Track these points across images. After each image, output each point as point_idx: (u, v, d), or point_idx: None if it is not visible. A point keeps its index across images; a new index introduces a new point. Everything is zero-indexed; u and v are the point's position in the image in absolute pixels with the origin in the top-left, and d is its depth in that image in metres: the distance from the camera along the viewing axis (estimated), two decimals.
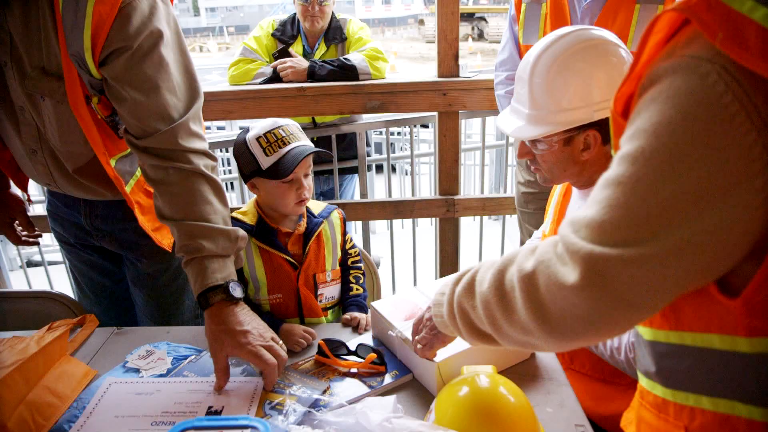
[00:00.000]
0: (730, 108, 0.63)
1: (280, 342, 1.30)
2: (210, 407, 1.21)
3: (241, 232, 1.38)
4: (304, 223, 1.57)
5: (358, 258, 1.71)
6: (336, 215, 1.65)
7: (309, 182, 1.52)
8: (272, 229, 1.53)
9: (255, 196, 1.58)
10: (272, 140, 1.46)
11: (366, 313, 1.59)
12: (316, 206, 1.64)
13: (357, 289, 1.66)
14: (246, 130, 1.51)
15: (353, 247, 1.71)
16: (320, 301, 1.60)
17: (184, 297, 1.79)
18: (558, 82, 1.25)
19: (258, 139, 1.46)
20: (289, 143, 1.47)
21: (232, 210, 1.50)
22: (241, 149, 1.50)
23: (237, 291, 1.29)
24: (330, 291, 1.62)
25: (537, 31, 2.06)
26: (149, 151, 1.36)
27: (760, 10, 0.62)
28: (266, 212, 1.55)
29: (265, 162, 1.45)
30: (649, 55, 0.72)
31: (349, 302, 1.63)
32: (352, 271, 1.68)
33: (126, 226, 1.64)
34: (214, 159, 1.42)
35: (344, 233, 1.67)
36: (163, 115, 1.34)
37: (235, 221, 1.52)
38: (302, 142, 1.50)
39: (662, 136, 0.66)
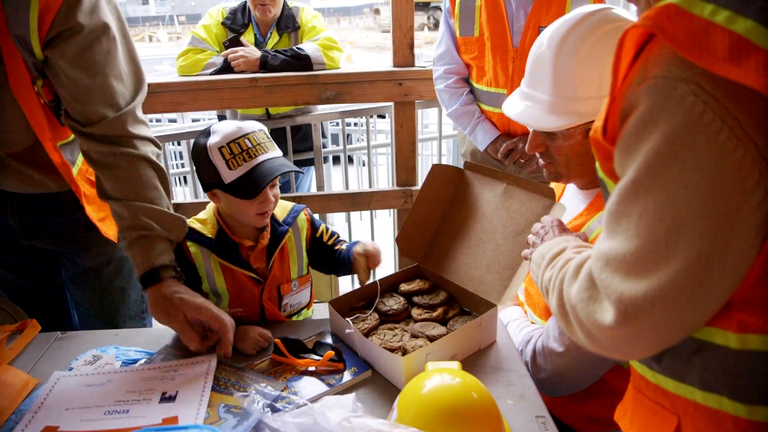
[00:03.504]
0: (712, 126, 0.62)
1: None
2: (164, 393, 1.18)
3: (185, 220, 1.41)
4: (267, 235, 1.46)
5: (336, 237, 1.59)
6: (302, 218, 1.54)
7: (276, 191, 1.41)
8: (233, 244, 1.43)
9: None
10: (237, 151, 1.31)
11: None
12: (281, 210, 1.52)
13: (343, 244, 1.55)
14: (206, 132, 1.36)
15: (331, 236, 1.58)
16: (284, 310, 1.54)
17: (130, 290, 1.72)
18: (590, 66, 1.16)
19: (221, 148, 1.31)
20: (256, 156, 1.33)
21: (176, 204, 1.43)
22: (200, 157, 1.35)
23: (182, 275, 1.37)
24: (297, 298, 1.56)
25: (473, 23, 2.05)
26: (94, 137, 1.35)
27: (721, 12, 0.61)
28: (227, 222, 1.44)
29: (228, 176, 1.32)
30: (623, 78, 0.71)
31: (345, 253, 1.51)
32: (336, 247, 1.56)
33: (62, 219, 1.55)
34: (159, 147, 1.44)
35: (312, 233, 1.56)
36: (111, 101, 1.34)
37: (193, 232, 1.43)
38: (270, 153, 1.37)
39: (653, 166, 0.67)
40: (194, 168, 1.46)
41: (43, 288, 1.70)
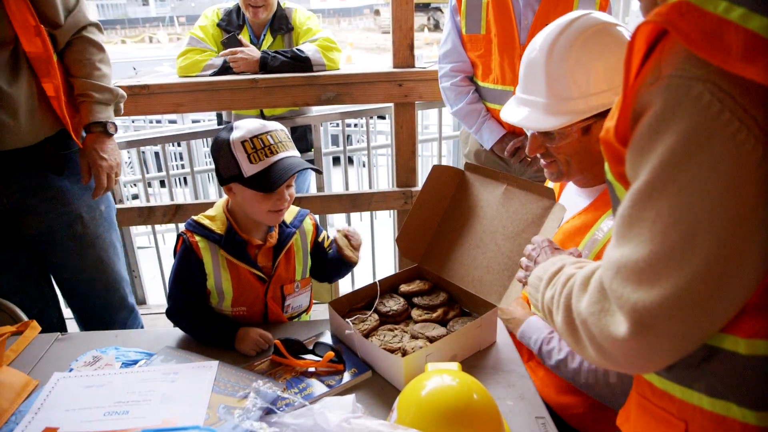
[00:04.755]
0: (729, 127, 0.61)
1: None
2: (164, 394, 1.18)
3: (120, 91, 1.87)
4: (275, 235, 1.48)
5: (331, 241, 1.60)
6: (308, 222, 1.57)
7: (291, 191, 1.43)
8: (242, 241, 1.44)
9: (224, 198, 1.49)
10: (259, 147, 1.34)
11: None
12: (290, 213, 1.53)
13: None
14: (229, 128, 1.39)
15: (331, 245, 1.61)
16: (286, 311, 1.54)
17: (116, 242, 2.02)
18: (580, 67, 1.22)
19: (243, 142, 1.34)
20: (277, 152, 1.36)
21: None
22: (222, 150, 1.37)
23: (111, 129, 1.84)
24: (298, 301, 1.56)
25: (479, 21, 2.05)
26: (65, 31, 1.72)
27: (735, 10, 0.60)
28: (237, 218, 1.45)
29: (249, 169, 1.34)
30: (635, 77, 0.70)
31: (332, 245, 1.58)
32: (329, 249, 1.60)
33: (48, 194, 1.76)
34: (101, 30, 1.86)
35: (316, 236, 1.58)
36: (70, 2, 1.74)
37: (203, 228, 1.43)
38: (291, 152, 1.40)
39: (668, 168, 0.64)
40: (212, 163, 1.47)
41: (25, 281, 1.82)
